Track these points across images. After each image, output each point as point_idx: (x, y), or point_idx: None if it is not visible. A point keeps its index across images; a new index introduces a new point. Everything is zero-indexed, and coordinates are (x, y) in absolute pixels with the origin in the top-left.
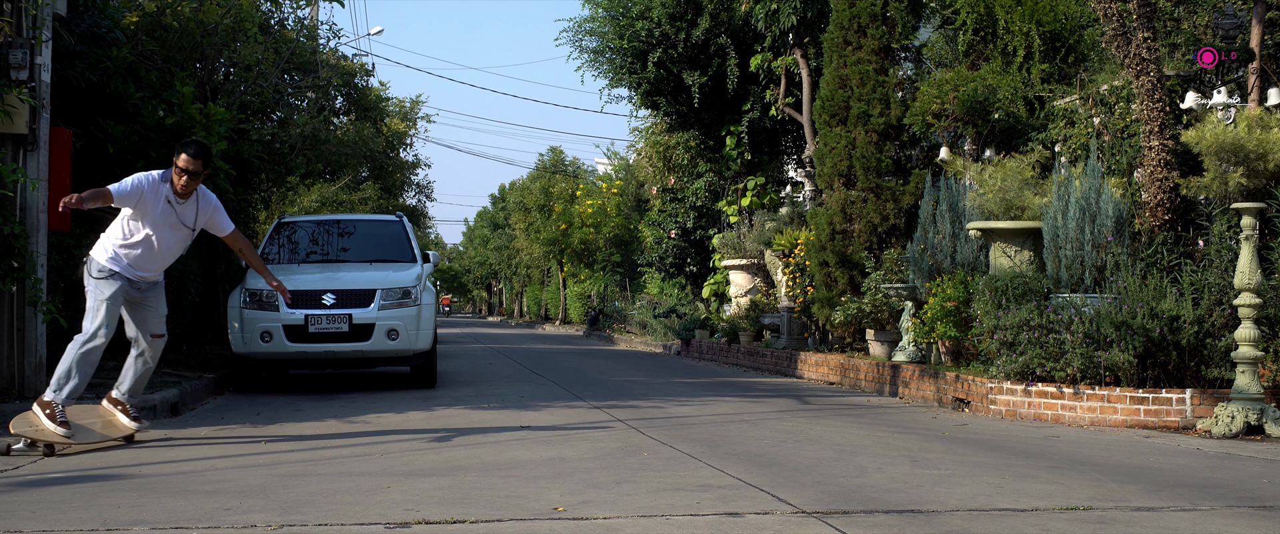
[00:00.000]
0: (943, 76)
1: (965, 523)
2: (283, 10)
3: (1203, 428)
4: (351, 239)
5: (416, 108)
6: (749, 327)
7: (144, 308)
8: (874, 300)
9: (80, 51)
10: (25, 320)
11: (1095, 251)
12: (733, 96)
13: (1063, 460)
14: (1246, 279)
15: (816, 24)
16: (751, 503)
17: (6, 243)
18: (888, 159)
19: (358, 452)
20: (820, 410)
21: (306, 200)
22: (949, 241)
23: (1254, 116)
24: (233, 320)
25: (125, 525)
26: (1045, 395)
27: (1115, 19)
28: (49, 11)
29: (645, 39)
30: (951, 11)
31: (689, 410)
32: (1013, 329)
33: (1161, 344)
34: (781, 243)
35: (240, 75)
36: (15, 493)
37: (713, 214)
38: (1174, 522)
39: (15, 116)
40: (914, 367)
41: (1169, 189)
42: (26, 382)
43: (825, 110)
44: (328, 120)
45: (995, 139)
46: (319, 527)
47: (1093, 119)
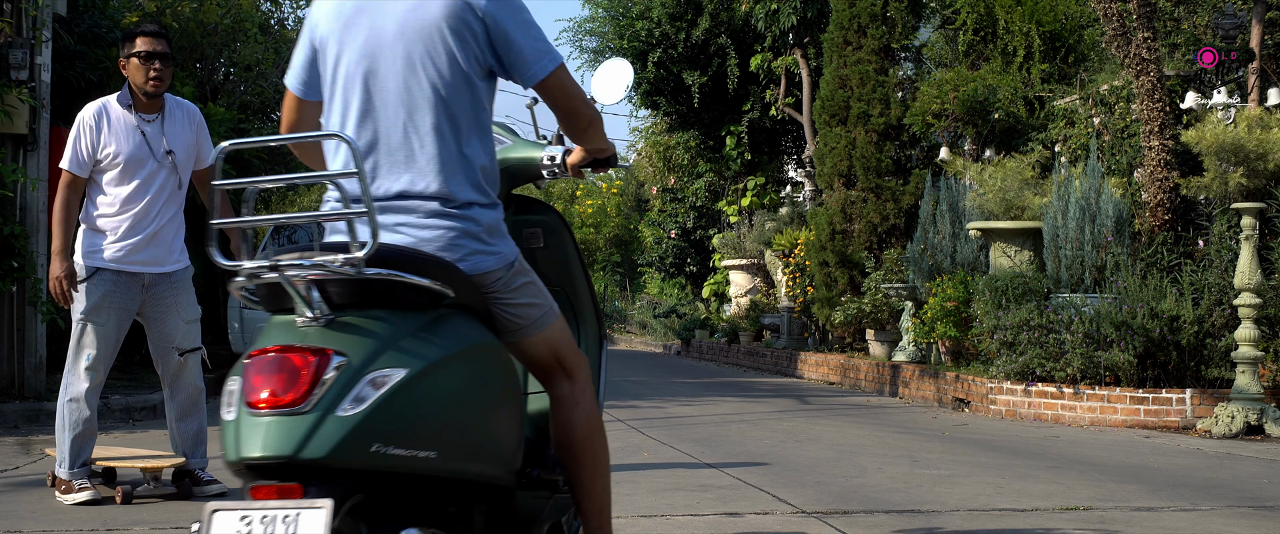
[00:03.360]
0: (943, 76)
1: (965, 523)
2: (283, 10)
3: (1203, 428)
4: None
5: None
6: (749, 327)
7: (162, 310)
8: (874, 300)
9: (80, 51)
10: (25, 320)
11: (1095, 252)
12: (733, 96)
13: (1063, 460)
14: (1246, 279)
15: (816, 24)
16: (751, 503)
17: (6, 243)
18: (888, 159)
19: None
20: (820, 410)
21: (307, 200)
22: (949, 241)
23: (1254, 116)
24: (233, 320)
25: (125, 526)
26: (1045, 395)
27: (1115, 19)
28: (49, 12)
29: (645, 39)
30: (951, 11)
31: (689, 410)
32: (1013, 329)
33: (1161, 344)
34: (781, 243)
35: (240, 75)
36: (15, 493)
37: (713, 214)
38: (1174, 522)
39: (15, 116)
40: (914, 367)
41: (1169, 189)
42: (27, 382)
43: (825, 110)
44: None
45: (995, 139)
46: None
47: (1093, 119)
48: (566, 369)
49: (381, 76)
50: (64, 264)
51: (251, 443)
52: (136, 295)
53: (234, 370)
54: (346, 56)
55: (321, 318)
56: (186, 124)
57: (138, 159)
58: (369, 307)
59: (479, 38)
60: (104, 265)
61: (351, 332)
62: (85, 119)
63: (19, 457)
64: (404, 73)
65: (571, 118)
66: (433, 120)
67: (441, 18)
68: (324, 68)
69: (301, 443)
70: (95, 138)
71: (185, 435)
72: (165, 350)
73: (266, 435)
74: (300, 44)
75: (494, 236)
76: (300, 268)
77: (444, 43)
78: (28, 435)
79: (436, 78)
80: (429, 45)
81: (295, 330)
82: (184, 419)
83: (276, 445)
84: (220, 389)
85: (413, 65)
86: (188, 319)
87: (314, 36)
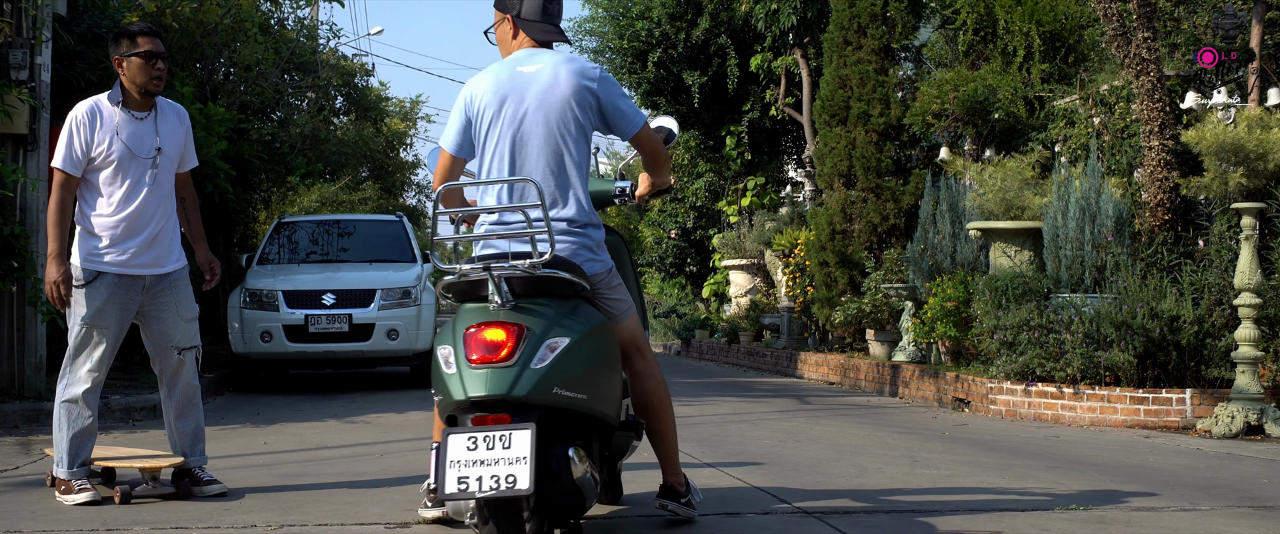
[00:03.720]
0: (943, 76)
1: (965, 523)
2: (283, 10)
3: (1203, 428)
4: (351, 239)
5: (416, 108)
6: (749, 327)
7: (161, 309)
8: (874, 300)
9: (80, 51)
10: (25, 320)
11: (1095, 252)
12: (733, 96)
13: (1063, 460)
14: (1246, 279)
15: (816, 24)
16: (751, 502)
17: (6, 243)
18: (888, 159)
19: (358, 452)
20: (820, 410)
21: (306, 200)
22: (949, 241)
23: (1254, 116)
24: (232, 320)
25: (125, 525)
26: (1045, 395)
27: (1115, 19)
28: (49, 12)
29: (645, 39)
30: (951, 11)
31: (689, 410)
32: (1013, 329)
33: (1161, 344)
34: (781, 243)
35: (240, 75)
36: (15, 493)
37: (713, 214)
38: (1174, 522)
39: (15, 116)
40: (914, 367)
41: (1169, 189)
42: (27, 382)
43: (825, 110)
44: (327, 120)
45: (995, 139)
46: (319, 526)
47: (1093, 119)
48: (640, 350)
49: (526, 136)
50: (61, 268)
51: (475, 386)
52: (137, 297)
53: (443, 340)
54: (499, 123)
55: (508, 304)
56: (178, 124)
57: (132, 157)
58: (535, 296)
59: (593, 108)
60: (106, 269)
61: (529, 313)
62: (78, 117)
63: (19, 457)
64: (543, 133)
65: (655, 158)
66: (562, 166)
67: (570, 94)
68: (478, 132)
69: (511, 385)
70: (89, 135)
71: (183, 434)
72: (164, 349)
73: (486, 381)
74: (456, 115)
75: (600, 249)
76: (502, 269)
77: (572, 112)
78: (28, 435)
79: (566, 136)
80: (561, 115)
81: (490, 312)
82: (181, 417)
83: (494, 387)
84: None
85: (550, 128)
86: (186, 318)
87: (470, 110)
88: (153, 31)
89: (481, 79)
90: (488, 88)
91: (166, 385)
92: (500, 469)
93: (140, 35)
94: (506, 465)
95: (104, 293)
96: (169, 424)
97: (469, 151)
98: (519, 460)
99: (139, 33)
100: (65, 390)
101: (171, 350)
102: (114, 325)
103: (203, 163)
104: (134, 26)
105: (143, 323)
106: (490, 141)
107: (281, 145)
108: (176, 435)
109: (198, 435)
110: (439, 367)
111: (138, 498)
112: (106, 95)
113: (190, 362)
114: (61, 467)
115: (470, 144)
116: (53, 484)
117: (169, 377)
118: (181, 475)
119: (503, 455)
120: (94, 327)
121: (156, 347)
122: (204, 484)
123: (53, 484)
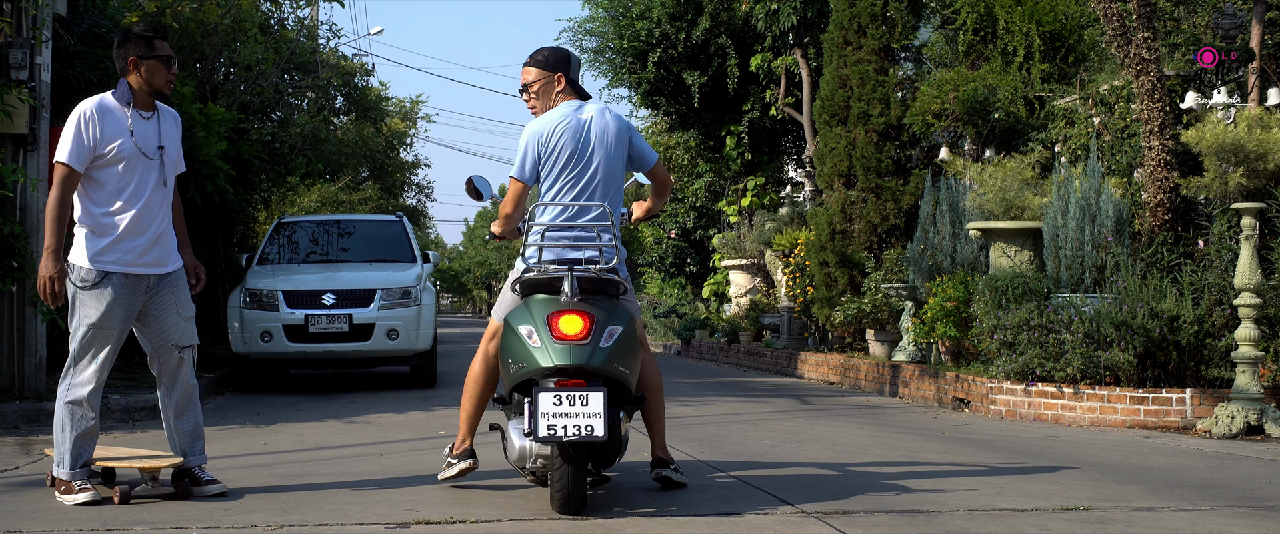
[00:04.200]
0: (943, 76)
1: (965, 523)
2: (283, 10)
3: (1203, 428)
4: (351, 239)
5: (416, 108)
6: (749, 327)
7: (161, 308)
8: (874, 300)
9: (80, 51)
10: (25, 320)
11: (1095, 252)
12: (733, 96)
13: (1063, 460)
14: (1246, 279)
15: (816, 24)
16: (751, 502)
17: (6, 243)
18: (888, 159)
19: (358, 452)
20: (820, 410)
21: (306, 200)
22: (949, 241)
23: (1254, 116)
24: (232, 320)
25: (125, 525)
26: (1045, 395)
27: (1115, 19)
28: (49, 11)
29: (645, 39)
30: (951, 11)
31: (689, 410)
32: (1013, 329)
33: (1161, 344)
34: (781, 243)
35: (240, 75)
36: (15, 493)
37: (713, 214)
38: (1174, 522)
39: (15, 116)
40: (914, 367)
41: (1169, 189)
42: (27, 382)
43: (825, 110)
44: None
45: (995, 139)
46: (319, 527)
47: (1093, 119)
48: (643, 342)
49: (594, 168)
50: (56, 265)
51: (562, 357)
52: (141, 296)
53: (522, 321)
54: (563, 155)
55: (577, 297)
56: (174, 126)
57: (139, 155)
58: (593, 293)
59: (627, 146)
60: (113, 269)
61: (593, 304)
62: (87, 112)
63: (19, 457)
64: (606, 167)
65: (665, 188)
66: (611, 191)
67: (616, 134)
68: (545, 164)
69: (588, 358)
70: (99, 131)
71: (183, 433)
72: (164, 348)
73: (570, 353)
74: (529, 150)
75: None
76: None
77: (619, 148)
78: (28, 435)
79: (615, 168)
80: (617, 152)
81: (561, 303)
82: (180, 417)
83: (576, 359)
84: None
85: (610, 162)
86: (186, 316)
87: (542, 146)
88: (166, 34)
89: (549, 122)
90: (560, 129)
91: (166, 385)
92: (581, 421)
93: (157, 38)
94: (586, 418)
95: (112, 294)
96: (168, 424)
97: (536, 179)
98: (596, 415)
99: (156, 36)
100: (69, 392)
101: (171, 349)
102: (119, 327)
103: (203, 163)
104: (148, 30)
105: (142, 322)
106: (554, 170)
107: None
108: (176, 435)
109: (197, 435)
110: (521, 340)
111: (137, 498)
112: (111, 94)
113: (189, 361)
114: (63, 467)
115: (538, 174)
116: (53, 484)
117: (168, 376)
118: (181, 475)
119: (582, 410)
120: (100, 328)
121: (156, 346)
122: (204, 484)
123: (53, 484)
